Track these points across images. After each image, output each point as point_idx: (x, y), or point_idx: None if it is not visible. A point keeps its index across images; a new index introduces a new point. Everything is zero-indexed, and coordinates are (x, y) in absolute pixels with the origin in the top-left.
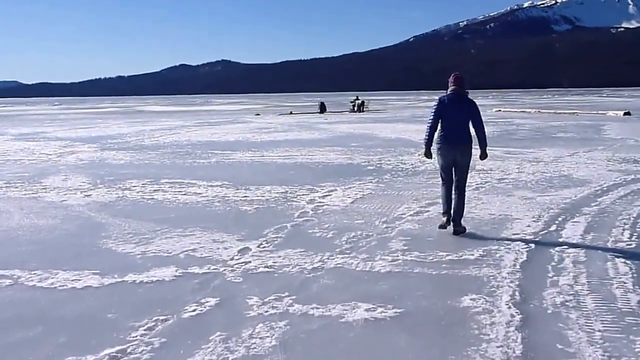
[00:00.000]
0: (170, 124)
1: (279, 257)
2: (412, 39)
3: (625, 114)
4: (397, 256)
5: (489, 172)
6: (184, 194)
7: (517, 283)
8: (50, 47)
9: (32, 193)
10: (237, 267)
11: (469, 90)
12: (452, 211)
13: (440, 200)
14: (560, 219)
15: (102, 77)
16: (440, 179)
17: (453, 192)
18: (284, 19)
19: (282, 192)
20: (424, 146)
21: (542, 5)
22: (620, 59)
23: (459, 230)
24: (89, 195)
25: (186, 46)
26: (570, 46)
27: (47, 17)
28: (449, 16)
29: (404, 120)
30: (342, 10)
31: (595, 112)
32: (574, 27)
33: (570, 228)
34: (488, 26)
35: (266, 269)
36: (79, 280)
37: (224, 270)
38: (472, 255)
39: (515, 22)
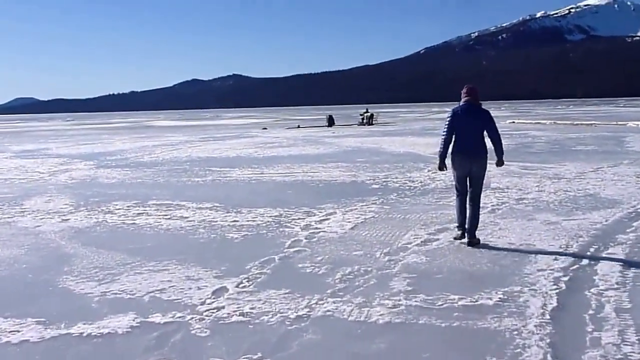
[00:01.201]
0: (174, 140)
1: (259, 300)
2: (423, 50)
3: None
4: (400, 300)
5: (506, 190)
6: (169, 218)
7: (547, 341)
8: (66, 64)
9: (8, 217)
10: (206, 315)
11: (482, 102)
12: (466, 223)
13: (455, 213)
14: (592, 249)
15: (116, 93)
16: (455, 190)
17: (467, 203)
18: (294, 32)
19: (275, 216)
20: (438, 158)
21: (555, 15)
22: (636, 68)
23: (474, 242)
24: (67, 219)
25: (198, 61)
26: (584, 56)
27: (63, 34)
28: (460, 27)
29: (414, 133)
30: (353, 23)
31: (614, 122)
32: (588, 37)
33: (606, 262)
34: (500, 37)
35: (241, 318)
36: (18, 332)
37: (191, 319)
38: (490, 299)
39: (528, 32)
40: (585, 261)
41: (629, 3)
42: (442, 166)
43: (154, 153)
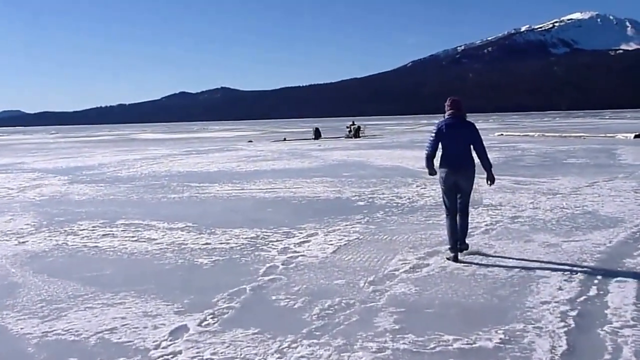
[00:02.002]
0: (156, 153)
1: (223, 343)
2: (410, 64)
3: (635, 136)
4: (385, 342)
5: (499, 207)
6: (135, 240)
7: None
8: (54, 76)
9: None
10: None
11: (467, 114)
12: (458, 239)
13: (446, 234)
14: (599, 276)
15: (104, 106)
16: (444, 206)
17: (458, 216)
18: (282, 46)
19: (251, 238)
20: (426, 169)
21: (539, 29)
22: (620, 81)
23: (463, 248)
24: (24, 241)
25: (186, 74)
26: (568, 69)
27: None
28: (447, 41)
29: (401, 146)
30: (341, 36)
31: (603, 135)
32: (572, 50)
33: (616, 292)
34: (486, 50)
35: None
36: None
37: None
38: (490, 339)
39: (513, 45)
40: (593, 291)
41: (611, 17)
42: (431, 172)
43: (133, 167)
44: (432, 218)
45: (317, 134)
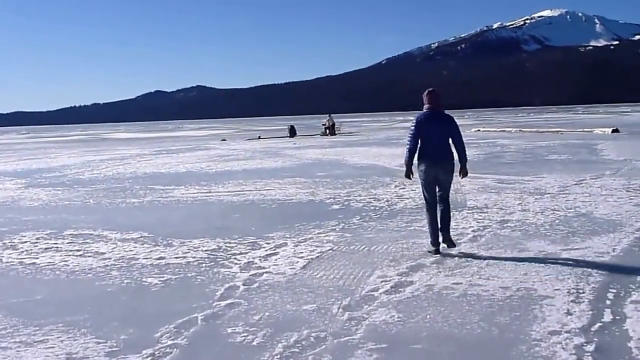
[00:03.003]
0: (125, 153)
1: None
2: (384, 61)
3: (613, 131)
4: None
5: (485, 210)
6: (80, 255)
7: None
8: (26, 76)
9: None
10: None
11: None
12: (439, 225)
13: (427, 230)
14: (610, 295)
15: (78, 105)
16: (424, 200)
17: (438, 208)
18: (257, 44)
19: (212, 250)
20: (404, 167)
21: (511, 26)
22: (590, 77)
23: (447, 238)
24: None
25: (161, 73)
26: (540, 65)
27: (23, 46)
28: (421, 38)
29: (377, 144)
30: (315, 34)
31: (581, 130)
32: (543, 47)
33: (635, 316)
34: (459, 47)
35: None
36: None
37: None
38: None
39: (486, 42)
40: (608, 315)
41: (580, 14)
42: (409, 174)
43: (98, 169)
44: (413, 224)
45: (292, 132)
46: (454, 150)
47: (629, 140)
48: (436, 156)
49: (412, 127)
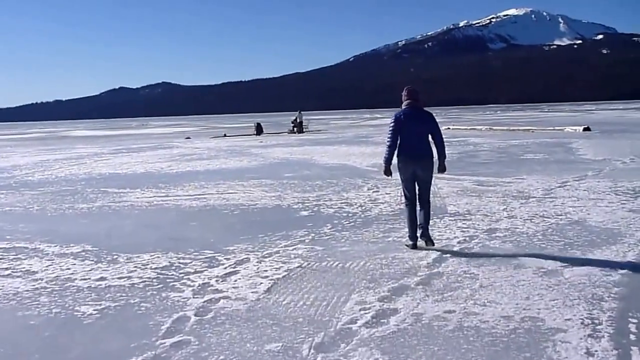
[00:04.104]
0: (82, 152)
1: None
2: (352, 58)
3: (584, 129)
4: None
5: (469, 217)
6: (8, 275)
7: None
8: None
9: None
10: None
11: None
12: (418, 223)
13: (406, 223)
14: (633, 327)
15: (39, 102)
16: (403, 197)
17: (417, 206)
18: (224, 41)
19: (163, 268)
20: (383, 165)
21: (477, 25)
22: (554, 75)
23: (426, 235)
24: None
25: (126, 69)
26: (505, 63)
27: None
28: (388, 36)
29: (347, 142)
30: (282, 31)
31: (552, 128)
32: (509, 45)
33: None
34: (426, 45)
35: None
36: None
37: None
38: None
39: (452, 40)
40: (636, 355)
41: (544, 14)
42: (388, 172)
43: (50, 169)
44: (391, 233)
45: (259, 130)
46: (433, 147)
47: (601, 139)
48: (415, 153)
49: (392, 124)
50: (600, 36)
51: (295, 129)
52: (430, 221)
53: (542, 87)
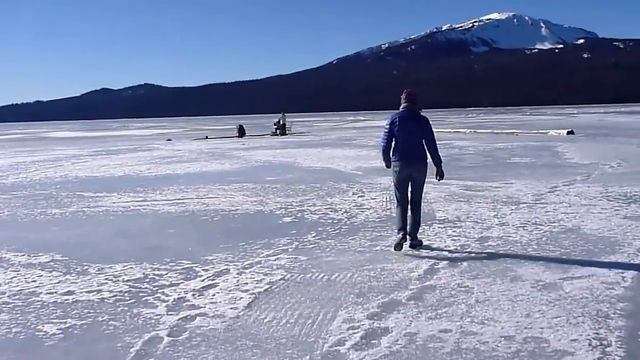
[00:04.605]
0: (61, 154)
1: None
2: (335, 61)
3: (568, 132)
4: None
5: (459, 224)
6: None
7: None
8: None
9: None
10: None
11: (392, 110)
12: (408, 227)
13: (395, 219)
14: None
15: (19, 103)
16: (395, 199)
17: (409, 208)
18: (206, 43)
19: (136, 280)
20: (383, 162)
21: (460, 28)
22: (535, 79)
23: (415, 244)
24: None
25: (108, 70)
26: (488, 67)
27: None
28: (371, 39)
29: (330, 144)
30: (265, 33)
31: (535, 131)
32: (491, 49)
33: None
34: (409, 48)
35: None
36: None
37: None
38: None
39: (435, 44)
40: None
41: (526, 18)
42: (388, 164)
43: (26, 172)
44: (378, 242)
45: (241, 132)
46: (427, 151)
47: (586, 142)
48: (410, 155)
49: (387, 126)
50: (582, 40)
51: (278, 131)
52: (420, 228)
53: (524, 90)
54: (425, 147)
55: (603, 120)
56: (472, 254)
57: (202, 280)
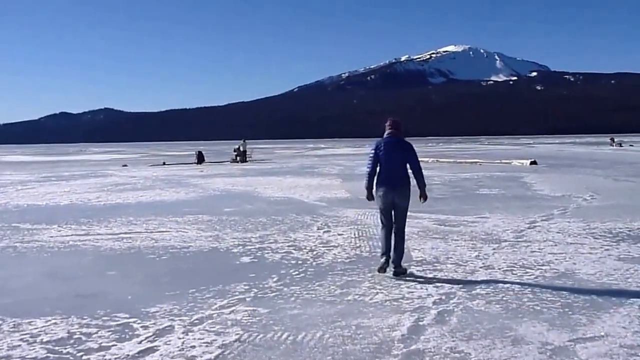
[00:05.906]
0: (7, 180)
1: None
2: (296, 89)
3: (531, 163)
4: None
5: (438, 267)
6: None
7: None
8: None
9: None
10: None
11: (351, 138)
12: (391, 252)
13: (379, 243)
14: None
15: None
16: (380, 223)
17: (393, 234)
18: (167, 69)
19: (58, 341)
20: (366, 190)
21: (418, 60)
22: (491, 109)
23: (399, 272)
24: None
25: (67, 94)
26: (445, 97)
27: None
28: (332, 68)
29: (292, 172)
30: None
31: (498, 161)
32: (448, 80)
33: None
34: (369, 78)
35: None
36: None
37: None
38: None
39: (394, 74)
40: None
41: (482, 51)
42: (370, 197)
43: None
44: (350, 289)
45: (200, 158)
46: (411, 176)
47: (551, 174)
48: (393, 181)
49: (371, 152)
50: (534, 73)
51: (238, 158)
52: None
53: (479, 120)
54: (410, 172)
55: (562, 150)
56: (461, 306)
57: (140, 342)
